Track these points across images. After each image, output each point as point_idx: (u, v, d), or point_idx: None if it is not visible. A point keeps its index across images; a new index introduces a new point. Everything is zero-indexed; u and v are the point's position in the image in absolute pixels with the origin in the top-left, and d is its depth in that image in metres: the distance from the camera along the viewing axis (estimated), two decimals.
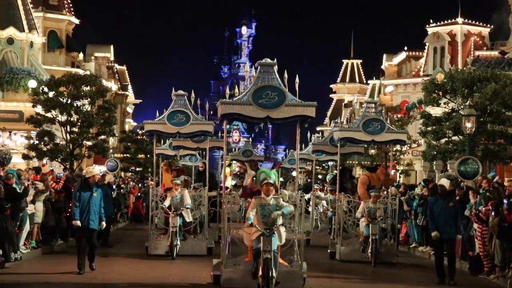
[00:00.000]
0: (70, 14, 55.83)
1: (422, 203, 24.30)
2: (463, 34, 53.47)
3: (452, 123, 30.20)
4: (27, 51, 45.58)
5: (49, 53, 52.60)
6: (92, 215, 17.66)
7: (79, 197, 17.88)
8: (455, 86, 30.88)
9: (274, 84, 15.45)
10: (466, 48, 52.61)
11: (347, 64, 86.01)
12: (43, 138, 36.56)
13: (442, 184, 18.57)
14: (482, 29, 54.04)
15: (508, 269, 18.60)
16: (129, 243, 25.29)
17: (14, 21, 45.32)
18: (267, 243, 14.45)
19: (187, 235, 22.17)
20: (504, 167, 35.24)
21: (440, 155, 32.35)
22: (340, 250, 22.02)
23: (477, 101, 29.41)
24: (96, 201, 17.79)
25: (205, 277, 16.71)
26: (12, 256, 19.41)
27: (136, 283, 17.13)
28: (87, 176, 18.47)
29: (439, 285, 17.58)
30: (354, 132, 22.59)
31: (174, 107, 22.38)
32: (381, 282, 18.39)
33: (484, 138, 29.92)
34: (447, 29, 53.78)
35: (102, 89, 40.74)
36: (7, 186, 19.72)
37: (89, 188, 17.91)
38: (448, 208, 17.77)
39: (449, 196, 18.51)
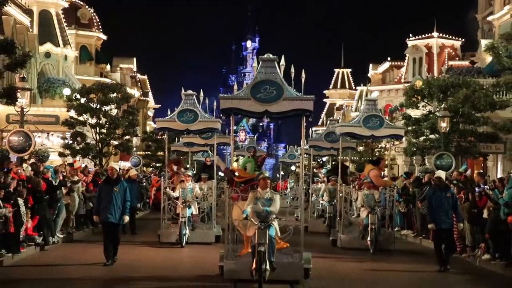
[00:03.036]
0: (99, 31, 55.90)
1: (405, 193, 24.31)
2: (438, 46, 53.44)
3: (429, 123, 30.20)
4: (62, 63, 45.81)
5: (80, 65, 52.65)
6: (112, 209, 16.07)
7: (101, 192, 16.66)
8: (431, 91, 30.86)
9: (273, 79, 14.11)
10: (441, 59, 52.59)
11: (338, 72, 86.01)
12: (76, 138, 36.63)
13: (439, 176, 17.29)
14: (454, 42, 54.02)
15: (477, 249, 18.73)
16: (147, 231, 24.42)
17: (51, 38, 45.54)
18: (262, 237, 13.02)
19: (196, 225, 21.27)
20: (474, 161, 35.35)
21: (419, 151, 32.37)
22: (341, 238, 20.90)
23: (450, 104, 29.43)
24: (118, 196, 16.20)
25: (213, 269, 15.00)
26: (50, 240, 19.55)
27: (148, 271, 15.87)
28: (108, 172, 17.47)
29: (439, 272, 16.38)
30: (355, 128, 21.47)
31: (184, 106, 21.46)
32: (379, 269, 17.00)
33: (457, 136, 29.90)
34: (424, 42, 53.73)
35: (127, 96, 40.82)
36: (45, 180, 19.89)
37: (111, 183, 16.47)
38: (446, 199, 16.66)
39: (447, 188, 17.14)
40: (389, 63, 61.81)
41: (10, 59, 21.15)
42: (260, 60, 14.44)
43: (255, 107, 14.22)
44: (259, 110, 14.39)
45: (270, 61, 14.23)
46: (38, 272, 15.25)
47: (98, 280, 14.30)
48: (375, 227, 19.77)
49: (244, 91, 14.38)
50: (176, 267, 16.32)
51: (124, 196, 16.24)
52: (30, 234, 18.60)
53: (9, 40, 21.33)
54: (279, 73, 14.12)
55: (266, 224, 13.06)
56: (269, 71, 14.10)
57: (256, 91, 14.05)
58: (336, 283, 14.00)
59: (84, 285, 13.68)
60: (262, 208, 13.31)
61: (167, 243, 20.28)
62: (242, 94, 14.39)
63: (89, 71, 53.12)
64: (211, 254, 16.67)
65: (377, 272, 16.29)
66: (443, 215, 16.57)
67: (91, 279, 14.41)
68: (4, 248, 16.62)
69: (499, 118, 29.52)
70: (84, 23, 54.87)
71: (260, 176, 13.88)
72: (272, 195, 13.56)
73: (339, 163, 24.67)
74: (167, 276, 14.73)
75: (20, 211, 17.36)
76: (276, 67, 14.14)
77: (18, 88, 23.27)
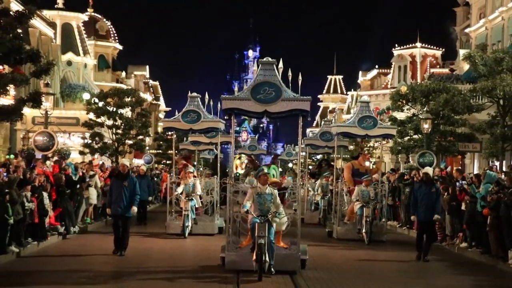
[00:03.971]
0: (115, 42, 55.93)
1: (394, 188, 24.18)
2: (421, 55, 53.38)
3: (413, 125, 30.21)
4: (82, 71, 45.88)
5: (99, 72, 52.67)
6: (122, 203, 15.62)
7: (112, 186, 16.21)
8: (415, 96, 30.87)
9: (272, 81, 13.54)
10: (424, 66, 52.57)
11: (331, 79, 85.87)
12: (95, 138, 36.66)
13: (427, 172, 17.22)
14: (435, 52, 53.99)
15: (456, 238, 18.72)
16: (156, 222, 23.78)
17: (72, 48, 45.61)
18: (262, 229, 12.55)
19: (199, 218, 20.78)
20: (453, 158, 35.36)
21: (404, 150, 32.37)
22: (337, 230, 20.38)
23: (432, 108, 29.42)
24: (127, 190, 15.70)
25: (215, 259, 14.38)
26: (71, 230, 19.59)
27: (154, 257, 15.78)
28: (119, 168, 17.12)
29: (417, 260, 16.03)
30: (350, 128, 21.03)
31: (188, 107, 20.94)
32: (373, 259, 16.43)
33: (438, 136, 29.90)
34: (408, 51, 53.69)
35: (140, 100, 40.87)
36: (67, 176, 19.90)
37: (121, 178, 15.97)
38: (430, 193, 16.20)
39: (432, 183, 16.75)
40: (377, 71, 61.84)
41: (35, 67, 21.13)
42: (260, 63, 13.97)
43: (255, 107, 13.68)
44: (258, 110, 13.83)
45: (269, 64, 13.78)
46: (60, 259, 15.20)
47: (109, 268, 14.16)
48: (370, 220, 19.36)
49: (245, 92, 13.85)
50: (181, 257, 15.91)
51: (133, 190, 15.83)
52: (53, 224, 18.65)
53: (35, 50, 21.31)
54: (277, 76, 13.66)
55: (265, 218, 12.71)
56: (268, 74, 13.64)
57: (256, 92, 13.54)
58: (332, 273, 13.65)
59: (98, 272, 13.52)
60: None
61: (173, 234, 19.93)
62: (243, 95, 13.86)
63: (106, 78, 53.14)
64: (214, 245, 16.18)
65: (371, 262, 15.95)
66: (426, 208, 16.19)
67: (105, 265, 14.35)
68: (30, 236, 16.65)
69: (475, 120, 29.52)
70: (102, 34, 54.97)
71: (260, 173, 13.62)
72: (272, 191, 13.23)
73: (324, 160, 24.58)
74: (172, 266, 14.31)
75: (44, 204, 17.40)
76: (274, 69, 13.68)
77: (42, 93, 23.26)
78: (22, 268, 13.62)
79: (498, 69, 26.46)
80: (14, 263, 14.41)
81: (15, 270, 13.38)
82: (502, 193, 15.81)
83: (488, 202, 16.31)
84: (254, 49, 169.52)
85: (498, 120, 26.72)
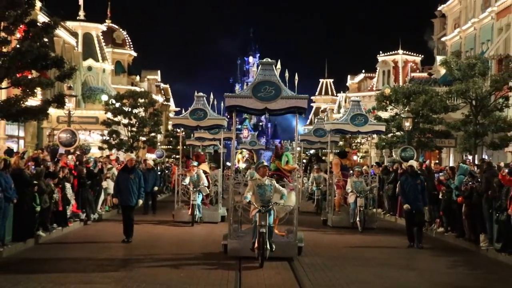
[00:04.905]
0: (130, 49, 55.86)
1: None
2: (402, 61, 53.30)
3: (396, 123, 30.16)
4: (101, 75, 45.78)
5: (115, 77, 52.61)
6: (129, 194, 15.18)
7: (120, 179, 15.68)
8: (397, 97, 30.82)
9: (271, 80, 13.07)
10: (405, 71, 52.48)
11: (323, 82, 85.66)
12: (112, 135, 36.60)
13: (411, 165, 16.53)
14: (415, 58, 53.87)
15: (433, 224, 18.72)
16: (165, 211, 23.25)
17: (92, 55, 45.51)
18: (263, 219, 12.17)
19: (203, 208, 20.15)
20: (431, 153, 35.35)
21: (387, 145, 32.30)
22: (332, 219, 19.98)
23: (412, 108, 29.36)
24: (134, 182, 15.26)
25: (217, 246, 14.02)
26: (91, 217, 19.61)
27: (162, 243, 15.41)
28: (126, 161, 16.45)
29: (409, 248, 15.61)
30: (344, 125, 20.67)
31: (195, 106, 20.58)
32: (366, 245, 16.10)
33: (418, 133, 29.86)
34: (391, 58, 53.60)
35: (152, 101, 40.82)
36: (87, 168, 19.91)
37: (128, 171, 15.47)
38: (415, 185, 15.68)
39: (417, 175, 16.17)
40: (364, 75, 61.76)
41: (60, 72, 21.11)
42: (260, 63, 13.54)
43: (256, 104, 13.18)
44: (259, 107, 13.29)
45: (268, 64, 13.35)
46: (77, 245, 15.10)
47: (120, 254, 13.97)
48: (363, 209, 19.01)
49: (246, 91, 13.40)
50: (186, 244, 15.37)
51: (139, 182, 15.39)
52: (75, 212, 18.64)
53: (59, 57, 21.27)
54: (276, 75, 13.22)
55: (267, 208, 12.32)
56: (268, 73, 13.20)
57: (257, 90, 13.07)
58: (328, 259, 13.32)
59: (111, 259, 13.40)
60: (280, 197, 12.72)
61: (180, 222, 19.63)
62: (245, 93, 13.42)
63: (123, 81, 53.09)
64: (217, 233, 15.89)
65: (364, 248, 15.58)
66: (414, 199, 15.77)
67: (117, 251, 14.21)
68: (55, 222, 16.67)
69: (451, 119, 29.50)
70: (119, 43, 54.93)
71: (259, 166, 13.26)
72: (271, 181, 12.83)
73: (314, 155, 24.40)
74: (178, 253, 13.85)
75: (67, 194, 17.41)
76: (274, 69, 13.23)
77: (66, 95, 23.23)
78: (40, 255, 13.23)
79: (471, 73, 26.43)
80: (32, 250, 14.02)
81: (32, 258, 12.94)
82: (474, 183, 15.84)
83: (462, 191, 16.33)
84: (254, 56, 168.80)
85: (471, 119, 26.71)
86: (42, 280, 10.52)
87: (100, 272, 11.46)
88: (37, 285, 10.16)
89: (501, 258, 14.14)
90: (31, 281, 10.48)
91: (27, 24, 19.99)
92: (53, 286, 10.09)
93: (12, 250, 13.50)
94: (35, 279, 10.62)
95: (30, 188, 14.63)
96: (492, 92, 26.65)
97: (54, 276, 10.97)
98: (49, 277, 10.83)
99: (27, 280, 10.55)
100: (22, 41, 19.51)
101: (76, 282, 10.50)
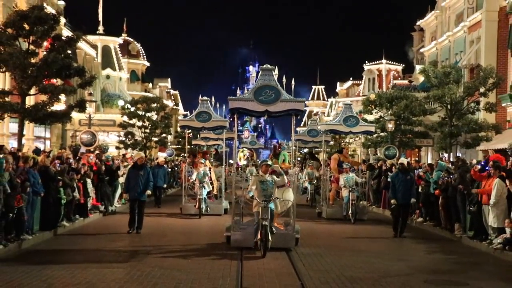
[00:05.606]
0: (144, 60, 55.83)
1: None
2: (386, 70, 53.28)
3: (380, 125, 30.10)
4: (117, 83, 45.85)
5: (131, 84, 52.65)
6: (139, 189, 14.87)
7: (130, 175, 15.30)
8: (381, 102, 30.76)
9: (271, 84, 12.74)
10: (388, 78, 52.44)
11: (315, 88, 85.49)
12: (128, 136, 36.69)
13: (402, 162, 16.13)
14: (397, 67, 53.85)
15: (414, 214, 18.70)
16: (172, 204, 22.76)
17: (110, 65, 45.59)
18: (265, 213, 11.76)
19: (208, 202, 19.79)
20: (411, 151, 35.31)
21: (372, 144, 32.28)
22: (327, 211, 19.58)
23: (395, 111, 29.35)
24: (143, 178, 14.93)
25: (220, 238, 13.62)
26: (109, 209, 19.58)
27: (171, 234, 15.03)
28: (136, 159, 16.05)
29: (394, 237, 15.28)
30: (337, 126, 20.36)
31: (200, 109, 20.27)
32: (357, 235, 15.70)
33: (399, 134, 29.83)
34: (376, 67, 53.60)
35: (163, 105, 40.97)
36: (106, 166, 19.88)
37: (138, 168, 15.16)
38: (406, 180, 15.30)
39: (407, 171, 15.71)
40: (351, 82, 61.74)
41: (81, 80, 21.13)
42: (260, 69, 13.20)
43: (257, 107, 12.81)
44: (260, 109, 12.92)
45: (268, 70, 13.04)
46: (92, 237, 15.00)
47: (131, 244, 13.67)
48: (355, 202, 18.71)
49: (248, 94, 13.03)
50: (192, 235, 14.89)
51: (147, 178, 15.10)
52: (95, 204, 18.62)
53: (81, 67, 21.31)
54: (275, 80, 12.89)
55: (267, 202, 11.90)
56: (267, 78, 12.90)
57: (258, 94, 12.72)
58: (322, 249, 12.98)
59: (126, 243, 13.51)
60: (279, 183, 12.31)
61: (186, 215, 19.29)
62: (247, 96, 13.04)
63: (137, 88, 53.12)
64: (220, 225, 15.37)
65: (355, 239, 15.21)
66: (403, 193, 15.28)
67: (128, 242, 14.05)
68: (78, 214, 16.66)
69: (429, 121, 29.48)
70: (134, 54, 54.91)
71: (262, 163, 12.91)
72: (272, 177, 12.38)
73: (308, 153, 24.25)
74: (185, 244, 13.34)
75: (87, 188, 17.40)
76: (273, 75, 12.91)
77: (87, 100, 23.31)
78: (57, 246, 12.73)
79: (446, 80, 26.40)
80: (50, 241, 13.57)
81: (49, 249, 12.46)
82: (450, 178, 15.84)
83: (439, 185, 16.34)
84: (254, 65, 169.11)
85: (446, 121, 26.70)
86: (65, 266, 10.52)
87: (116, 257, 11.46)
88: (61, 269, 10.16)
89: (473, 244, 14.14)
90: (55, 265, 10.48)
91: (53, 38, 20.04)
92: (75, 269, 10.10)
93: (39, 238, 13.50)
94: (59, 264, 10.63)
95: (55, 183, 14.63)
96: (465, 97, 26.64)
97: (76, 261, 11.01)
98: (72, 261, 10.86)
99: (52, 264, 10.56)
100: (48, 53, 19.55)
101: (96, 267, 10.48)
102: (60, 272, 9.91)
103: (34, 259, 11.24)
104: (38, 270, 10.03)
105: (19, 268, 10.21)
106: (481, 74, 26.36)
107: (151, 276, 9.77)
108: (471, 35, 34.29)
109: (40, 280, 9.26)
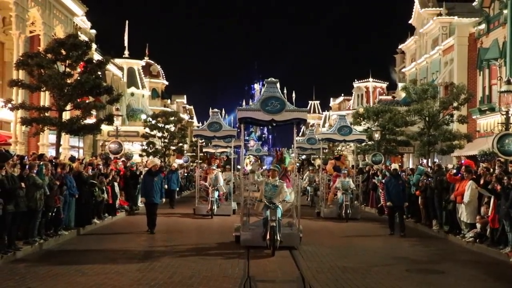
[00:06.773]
0: (163, 79, 55.96)
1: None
2: (372, 87, 53.33)
3: (368, 135, 30.05)
4: (141, 99, 45.84)
5: (152, 100, 52.74)
6: (154, 193, 14.27)
7: (145, 180, 14.71)
8: (369, 115, 30.79)
9: (276, 95, 12.39)
10: (374, 94, 52.44)
11: (311, 103, 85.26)
12: (149, 145, 36.71)
13: (395, 168, 15.80)
14: (382, 84, 53.88)
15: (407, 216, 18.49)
16: (187, 205, 22.01)
17: (134, 84, 45.63)
18: (273, 215, 11.26)
19: (220, 203, 19.30)
20: (395, 158, 35.22)
21: (361, 152, 32.27)
22: (324, 211, 19.29)
23: (380, 123, 29.33)
24: (157, 183, 14.37)
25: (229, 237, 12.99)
26: (134, 209, 19.60)
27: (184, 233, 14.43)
28: (150, 166, 15.22)
29: (391, 235, 14.76)
30: (332, 135, 20.15)
31: (212, 120, 19.94)
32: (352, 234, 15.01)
33: (385, 143, 29.80)
34: (364, 84, 53.65)
35: (180, 119, 40.97)
36: (131, 171, 19.91)
37: (152, 174, 14.54)
38: (398, 185, 14.83)
39: (399, 176, 15.33)
40: (343, 97, 61.78)
41: (109, 97, 21.22)
42: (266, 82, 12.81)
43: (264, 116, 12.36)
44: (266, 119, 12.44)
45: (273, 82, 12.67)
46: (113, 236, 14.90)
47: (153, 237, 13.79)
48: (349, 204, 18.42)
49: (256, 105, 12.54)
50: (203, 234, 14.33)
51: (161, 184, 14.61)
52: (121, 204, 18.65)
53: (109, 86, 21.40)
54: (280, 92, 12.54)
55: (275, 206, 11.45)
56: (272, 90, 12.52)
57: (265, 104, 12.30)
58: (322, 248, 12.43)
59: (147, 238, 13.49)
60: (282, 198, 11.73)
61: (199, 215, 18.80)
62: (254, 107, 12.55)
63: (157, 104, 53.19)
64: (230, 225, 14.68)
65: (351, 237, 14.60)
66: (396, 196, 14.81)
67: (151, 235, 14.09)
68: (106, 212, 16.70)
69: (410, 131, 29.43)
70: (154, 74, 55.06)
71: (270, 168, 12.69)
72: (281, 184, 11.96)
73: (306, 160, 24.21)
74: (196, 243, 12.68)
75: (115, 190, 17.45)
76: (277, 87, 12.56)
77: (114, 114, 23.38)
78: (78, 247, 12.07)
79: (424, 96, 26.41)
80: (73, 240, 13.00)
81: (72, 249, 11.76)
82: (429, 181, 15.83)
83: (419, 186, 16.33)
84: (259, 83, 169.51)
85: (425, 131, 26.66)
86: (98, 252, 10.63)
87: (139, 250, 11.58)
88: (97, 254, 10.23)
89: (448, 238, 14.13)
90: (90, 252, 10.61)
91: (85, 61, 20.15)
92: (105, 258, 10.20)
93: (73, 234, 13.60)
94: (93, 251, 10.77)
95: (87, 186, 14.69)
96: (441, 111, 26.61)
97: (106, 250, 11.15)
98: (102, 252, 10.96)
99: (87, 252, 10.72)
100: (81, 74, 19.66)
101: (122, 257, 10.56)
102: (95, 256, 10.18)
103: (68, 250, 11.29)
104: (76, 256, 10.11)
105: (58, 259, 10.31)
106: (454, 91, 26.40)
107: (170, 266, 9.85)
108: (445, 57, 34.39)
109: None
